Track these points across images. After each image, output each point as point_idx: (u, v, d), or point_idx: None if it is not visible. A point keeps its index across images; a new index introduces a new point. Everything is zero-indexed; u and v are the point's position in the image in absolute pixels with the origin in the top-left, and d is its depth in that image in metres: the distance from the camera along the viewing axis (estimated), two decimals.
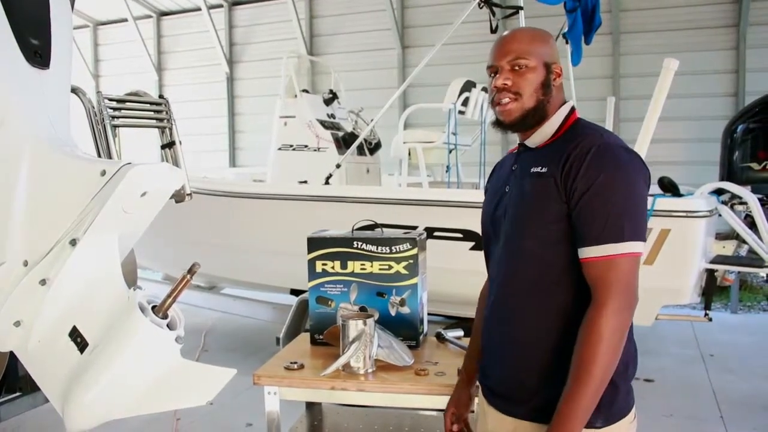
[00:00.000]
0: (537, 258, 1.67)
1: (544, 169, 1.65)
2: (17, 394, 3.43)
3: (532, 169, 1.69)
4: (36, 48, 1.94)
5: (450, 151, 5.79)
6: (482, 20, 5.57)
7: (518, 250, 1.71)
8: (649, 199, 4.22)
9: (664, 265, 4.19)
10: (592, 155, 1.59)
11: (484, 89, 6.19)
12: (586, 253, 1.57)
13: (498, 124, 1.78)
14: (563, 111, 1.75)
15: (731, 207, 4.79)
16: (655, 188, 4.83)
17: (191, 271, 1.64)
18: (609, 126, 6.61)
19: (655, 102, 3.66)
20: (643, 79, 9.33)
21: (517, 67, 1.71)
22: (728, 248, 4.79)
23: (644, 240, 1.59)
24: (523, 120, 1.73)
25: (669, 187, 4.69)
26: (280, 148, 6.48)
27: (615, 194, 1.57)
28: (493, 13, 5.67)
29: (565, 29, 5.55)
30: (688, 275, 4.27)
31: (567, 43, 5.60)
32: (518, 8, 5.88)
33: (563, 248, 1.62)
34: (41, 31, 1.98)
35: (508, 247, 1.74)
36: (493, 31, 5.55)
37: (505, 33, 1.80)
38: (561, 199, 1.61)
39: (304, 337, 2.67)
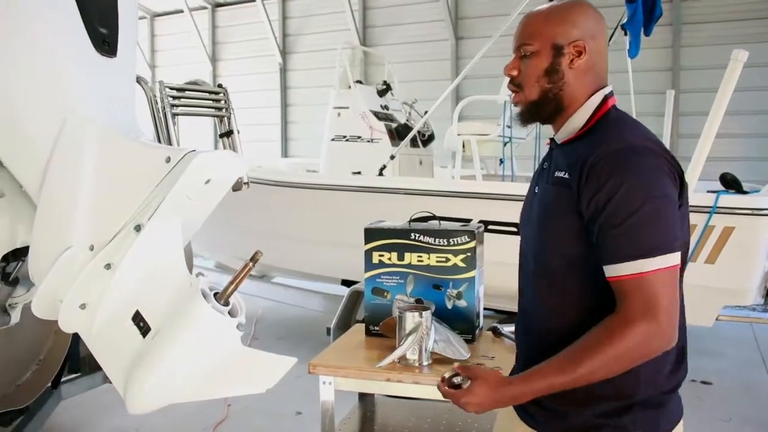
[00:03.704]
0: (560, 279, 1.53)
1: (567, 175, 1.50)
2: (77, 374, 3.55)
3: (556, 173, 1.55)
4: (104, 36, 1.97)
5: (504, 144, 5.72)
6: None
7: (541, 267, 1.58)
8: (712, 196, 4.15)
9: (727, 265, 4.07)
10: (606, 162, 1.42)
11: None
12: (611, 271, 1.41)
13: (517, 116, 1.65)
14: (594, 101, 1.55)
15: None
16: (716, 184, 4.68)
17: (254, 258, 1.64)
18: (668, 120, 6.46)
19: (722, 95, 3.53)
20: (703, 71, 9.07)
21: (523, 54, 1.56)
22: None
23: (672, 250, 1.39)
24: (531, 114, 1.60)
25: (732, 184, 4.54)
26: (333, 139, 6.51)
27: (631, 205, 1.38)
28: None
29: (625, 20, 5.43)
30: (752, 275, 4.14)
31: (626, 34, 5.47)
32: None
33: (585, 267, 1.47)
34: (109, 20, 2.01)
35: (533, 260, 1.61)
36: None
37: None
38: (580, 212, 1.46)
39: (358, 328, 2.66)
